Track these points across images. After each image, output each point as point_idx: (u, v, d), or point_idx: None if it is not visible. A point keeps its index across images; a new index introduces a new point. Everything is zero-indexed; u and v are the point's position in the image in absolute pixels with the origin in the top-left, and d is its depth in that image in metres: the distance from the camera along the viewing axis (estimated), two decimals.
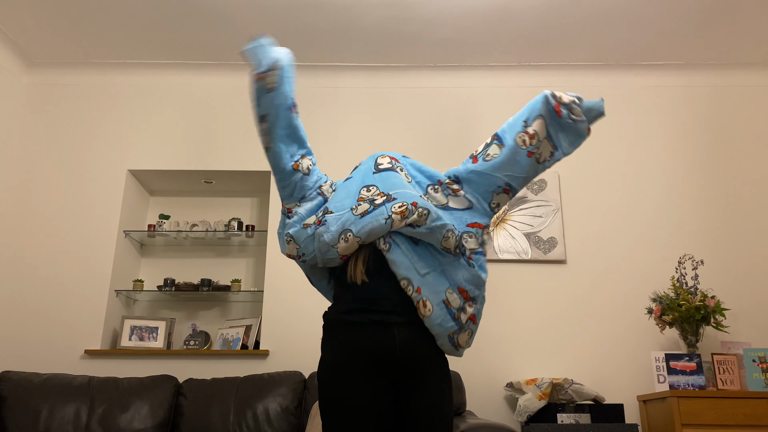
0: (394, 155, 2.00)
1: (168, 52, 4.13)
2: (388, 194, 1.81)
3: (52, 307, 3.75)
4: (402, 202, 1.78)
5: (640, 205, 3.94)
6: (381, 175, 1.89)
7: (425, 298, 1.77)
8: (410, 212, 1.77)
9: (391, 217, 1.77)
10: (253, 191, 4.33)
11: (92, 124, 4.14)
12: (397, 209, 1.77)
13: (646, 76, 4.21)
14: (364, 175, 1.91)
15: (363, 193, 1.84)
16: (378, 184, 1.86)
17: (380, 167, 1.92)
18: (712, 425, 3.04)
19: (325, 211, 1.85)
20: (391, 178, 1.88)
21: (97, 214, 3.93)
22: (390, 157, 1.96)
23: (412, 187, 1.88)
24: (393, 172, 1.90)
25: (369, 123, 4.14)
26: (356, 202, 1.82)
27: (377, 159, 1.96)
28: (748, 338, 3.64)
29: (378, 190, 1.83)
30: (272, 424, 3.21)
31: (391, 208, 1.77)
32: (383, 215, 1.77)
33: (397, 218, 1.77)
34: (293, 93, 1.95)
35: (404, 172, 1.94)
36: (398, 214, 1.77)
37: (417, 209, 1.78)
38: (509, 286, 3.78)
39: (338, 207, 1.83)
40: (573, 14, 3.73)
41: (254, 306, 4.03)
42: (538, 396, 3.23)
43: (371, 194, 1.83)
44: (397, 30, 3.88)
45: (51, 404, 3.20)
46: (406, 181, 1.89)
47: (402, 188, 1.84)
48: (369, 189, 1.85)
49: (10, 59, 4.04)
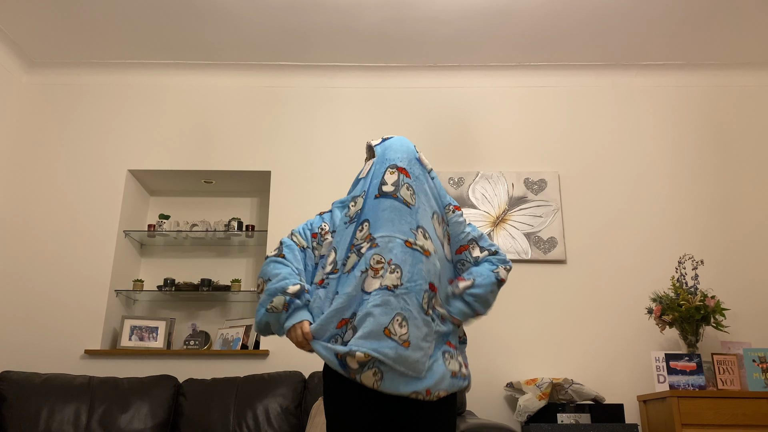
0: (406, 166, 1.98)
1: (168, 52, 4.13)
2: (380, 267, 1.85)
3: (52, 307, 3.75)
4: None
5: (640, 205, 3.94)
6: (380, 222, 1.89)
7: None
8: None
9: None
10: (253, 191, 4.33)
11: (92, 124, 4.14)
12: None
13: (646, 76, 4.21)
14: (364, 211, 1.93)
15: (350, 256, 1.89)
16: (379, 250, 1.86)
17: (384, 190, 1.93)
18: (712, 425, 3.04)
19: (332, 269, 1.92)
20: (391, 243, 1.87)
21: (97, 214, 3.94)
22: (399, 169, 1.95)
23: (409, 230, 1.88)
24: (398, 212, 1.90)
25: (368, 123, 4.14)
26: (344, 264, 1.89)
27: (385, 175, 1.95)
28: (748, 338, 3.64)
29: (370, 259, 1.85)
30: (272, 424, 3.21)
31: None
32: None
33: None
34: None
35: (410, 192, 1.94)
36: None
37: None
38: (509, 286, 3.79)
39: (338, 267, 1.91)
40: (573, 14, 3.73)
41: (254, 306, 4.03)
42: (538, 396, 3.23)
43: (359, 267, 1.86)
44: (397, 30, 3.88)
45: (51, 404, 3.20)
46: (407, 228, 1.89)
47: (394, 252, 1.85)
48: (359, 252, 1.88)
49: (10, 59, 4.04)
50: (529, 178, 3.98)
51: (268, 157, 4.06)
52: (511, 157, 4.06)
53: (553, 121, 4.13)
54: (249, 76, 4.25)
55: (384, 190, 1.93)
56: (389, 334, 1.76)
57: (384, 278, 1.81)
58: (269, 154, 4.06)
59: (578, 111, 4.15)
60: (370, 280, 1.82)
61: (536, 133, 4.11)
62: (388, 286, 1.80)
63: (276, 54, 4.13)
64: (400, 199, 1.91)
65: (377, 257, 1.83)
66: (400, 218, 1.89)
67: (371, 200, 1.93)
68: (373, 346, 1.74)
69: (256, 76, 4.25)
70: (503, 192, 3.96)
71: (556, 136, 4.10)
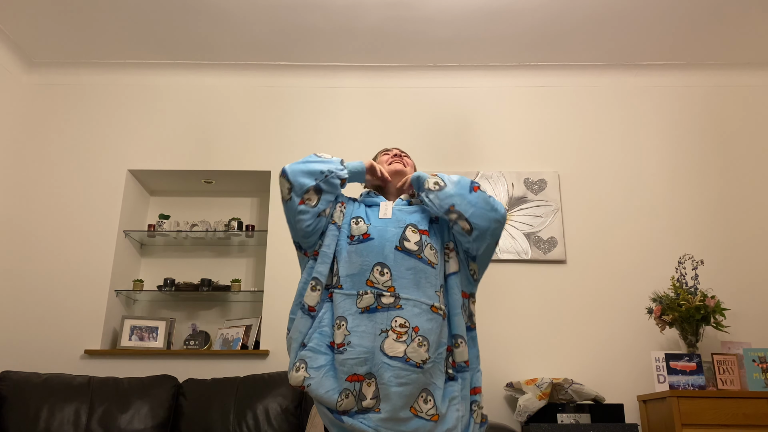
0: (425, 225, 1.93)
1: (168, 52, 4.13)
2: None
3: (52, 307, 3.75)
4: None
5: (640, 205, 3.94)
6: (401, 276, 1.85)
7: None
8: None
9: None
10: (253, 191, 4.33)
11: (92, 124, 4.14)
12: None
13: (646, 76, 4.21)
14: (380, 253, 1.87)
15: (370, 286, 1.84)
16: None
17: (405, 245, 1.87)
18: (712, 425, 3.03)
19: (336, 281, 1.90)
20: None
21: (97, 214, 3.94)
22: (421, 232, 1.90)
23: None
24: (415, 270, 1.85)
25: (369, 123, 4.14)
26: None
27: (405, 231, 1.89)
28: (748, 338, 3.64)
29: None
30: (272, 424, 3.21)
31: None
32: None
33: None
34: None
35: (430, 249, 1.90)
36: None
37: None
38: (509, 286, 3.79)
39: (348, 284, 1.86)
40: (573, 14, 3.73)
41: (254, 306, 4.03)
42: (538, 396, 3.23)
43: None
44: (397, 30, 3.88)
45: (51, 404, 3.20)
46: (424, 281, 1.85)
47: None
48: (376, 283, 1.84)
49: (10, 59, 4.04)
50: (529, 178, 3.98)
51: (268, 157, 4.06)
52: (511, 157, 4.06)
53: (553, 121, 4.13)
54: (249, 76, 4.25)
55: (406, 249, 1.88)
56: (416, 413, 1.74)
57: (409, 347, 1.75)
58: (269, 154, 4.06)
59: (578, 111, 4.15)
60: (391, 342, 1.76)
61: (536, 133, 4.11)
62: (416, 363, 1.74)
63: (276, 54, 4.13)
64: (425, 260, 1.87)
65: (400, 320, 1.78)
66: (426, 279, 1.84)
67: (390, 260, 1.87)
68: (398, 428, 1.72)
69: (256, 76, 4.25)
70: (503, 192, 3.96)
71: (556, 136, 4.10)
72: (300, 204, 1.90)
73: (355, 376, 1.76)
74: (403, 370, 1.73)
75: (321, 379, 1.78)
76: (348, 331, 1.78)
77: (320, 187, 1.92)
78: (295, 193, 1.90)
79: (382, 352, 1.75)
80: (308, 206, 1.90)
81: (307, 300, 1.87)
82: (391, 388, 1.72)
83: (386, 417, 1.72)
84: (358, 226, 1.92)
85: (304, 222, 1.90)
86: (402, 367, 1.73)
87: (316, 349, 1.82)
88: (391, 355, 1.74)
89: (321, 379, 1.78)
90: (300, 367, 1.81)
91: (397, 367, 1.73)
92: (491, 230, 1.87)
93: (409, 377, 1.73)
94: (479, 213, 1.86)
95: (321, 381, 1.78)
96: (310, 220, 1.90)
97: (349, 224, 1.94)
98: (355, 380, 1.76)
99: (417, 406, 1.74)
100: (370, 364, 1.75)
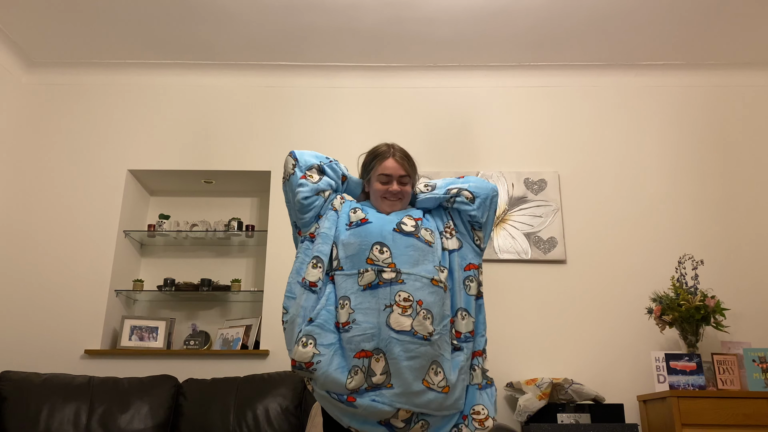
0: (419, 214, 2.02)
1: (168, 52, 4.13)
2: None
3: (52, 307, 3.75)
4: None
5: (640, 205, 3.94)
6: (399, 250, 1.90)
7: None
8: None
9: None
10: (253, 191, 4.33)
11: (92, 124, 4.14)
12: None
13: (646, 76, 4.21)
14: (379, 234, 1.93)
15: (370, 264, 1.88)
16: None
17: (402, 228, 1.95)
18: (712, 425, 3.03)
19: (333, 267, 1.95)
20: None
21: (97, 214, 3.93)
22: (416, 219, 1.98)
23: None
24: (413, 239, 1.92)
25: (369, 123, 4.14)
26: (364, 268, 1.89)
27: (402, 218, 1.97)
28: (748, 338, 3.64)
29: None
30: (272, 424, 3.20)
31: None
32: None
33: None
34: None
35: (427, 231, 1.96)
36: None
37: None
38: (509, 286, 3.78)
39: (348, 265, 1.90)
40: (573, 14, 3.73)
41: (254, 306, 4.03)
42: (538, 396, 3.23)
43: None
44: (397, 30, 3.88)
45: (51, 404, 3.20)
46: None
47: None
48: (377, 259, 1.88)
49: (10, 59, 4.04)
50: (529, 178, 3.98)
51: (268, 157, 4.06)
52: (511, 157, 4.06)
53: (553, 121, 4.13)
54: (249, 76, 4.25)
55: (404, 231, 1.97)
56: (428, 385, 1.76)
57: (415, 320, 1.77)
58: (269, 154, 4.06)
59: (578, 111, 4.15)
60: (397, 317, 1.78)
61: (536, 133, 4.11)
62: (424, 336, 1.77)
63: (276, 54, 4.13)
64: (422, 239, 1.95)
65: (404, 294, 1.81)
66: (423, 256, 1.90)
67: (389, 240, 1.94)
68: (414, 401, 1.74)
69: (256, 76, 4.25)
70: (503, 192, 3.96)
71: (556, 136, 4.10)
72: (302, 178, 1.99)
73: (363, 353, 1.78)
74: (412, 343, 1.76)
75: (331, 357, 1.79)
76: (352, 309, 1.81)
77: (323, 168, 2.03)
78: (299, 168, 2.00)
79: (389, 327, 1.77)
80: (309, 181, 1.99)
81: (308, 276, 1.92)
82: (402, 362, 1.75)
83: (400, 392, 1.74)
84: (356, 214, 1.99)
85: (303, 193, 1.97)
86: (410, 340, 1.76)
87: (325, 326, 1.83)
88: (399, 329, 1.77)
89: (331, 357, 1.79)
90: (308, 342, 1.80)
91: (406, 341, 1.76)
92: (490, 198, 2.05)
93: (418, 350, 1.76)
94: (476, 184, 2.06)
95: (331, 358, 1.79)
96: (309, 192, 1.98)
97: (348, 213, 2.00)
98: (364, 356, 1.78)
99: (429, 378, 1.77)
100: (377, 340, 1.77)
